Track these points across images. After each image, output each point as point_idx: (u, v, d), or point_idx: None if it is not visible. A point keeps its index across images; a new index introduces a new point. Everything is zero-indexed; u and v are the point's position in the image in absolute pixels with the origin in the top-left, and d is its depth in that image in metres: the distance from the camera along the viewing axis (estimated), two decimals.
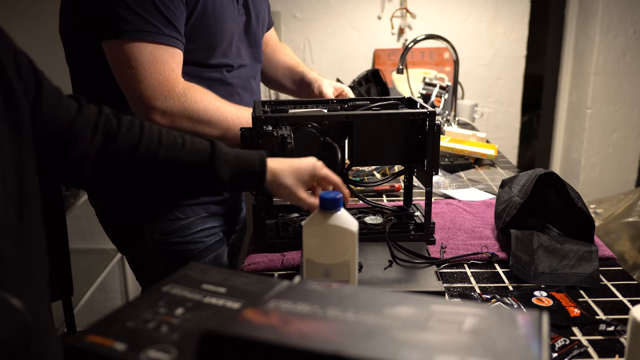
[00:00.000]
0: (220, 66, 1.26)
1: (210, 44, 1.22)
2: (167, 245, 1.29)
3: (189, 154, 0.96)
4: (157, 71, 1.11)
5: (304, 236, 0.91)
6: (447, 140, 1.95)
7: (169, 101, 1.12)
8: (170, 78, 1.12)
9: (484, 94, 2.92)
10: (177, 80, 1.14)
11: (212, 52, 1.24)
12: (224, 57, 1.26)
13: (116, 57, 1.11)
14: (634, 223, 2.42)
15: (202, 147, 0.98)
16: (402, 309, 0.56)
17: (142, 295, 0.63)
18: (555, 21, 3.07)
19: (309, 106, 1.32)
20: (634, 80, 2.87)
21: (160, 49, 1.11)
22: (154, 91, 1.11)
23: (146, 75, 1.10)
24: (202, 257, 1.34)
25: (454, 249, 1.23)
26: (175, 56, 1.14)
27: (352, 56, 2.85)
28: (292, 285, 0.63)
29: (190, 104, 1.14)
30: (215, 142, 0.99)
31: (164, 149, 0.95)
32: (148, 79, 1.11)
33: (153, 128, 0.97)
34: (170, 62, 1.13)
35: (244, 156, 1.01)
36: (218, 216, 1.36)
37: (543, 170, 1.24)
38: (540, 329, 0.54)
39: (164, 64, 1.12)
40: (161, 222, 1.28)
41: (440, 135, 1.20)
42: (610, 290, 1.07)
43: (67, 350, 0.54)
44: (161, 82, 1.11)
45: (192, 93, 1.15)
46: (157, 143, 0.95)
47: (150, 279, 1.34)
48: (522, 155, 3.27)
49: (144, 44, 1.10)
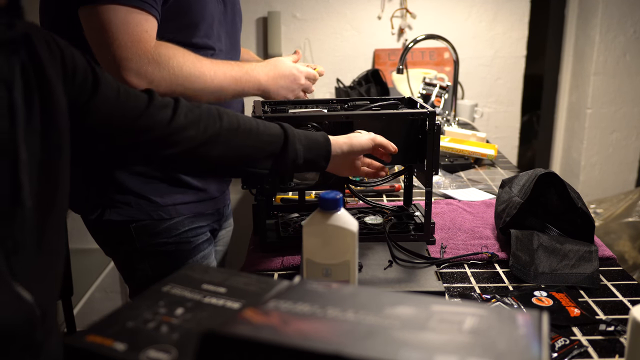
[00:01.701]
0: (204, 48, 1.27)
1: (192, 21, 1.23)
2: (155, 246, 1.29)
3: (267, 135, 1.03)
4: (130, 32, 1.11)
5: (304, 236, 0.91)
6: (447, 140, 1.95)
7: (142, 60, 1.12)
8: (142, 38, 1.12)
9: (484, 94, 2.92)
10: (150, 40, 1.13)
11: (195, 31, 1.24)
12: (206, 38, 1.27)
13: (90, 22, 1.12)
14: (634, 223, 2.42)
15: (276, 129, 1.05)
16: (402, 309, 0.56)
17: (142, 295, 0.63)
18: (555, 21, 3.07)
19: (309, 106, 1.32)
20: (634, 80, 2.87)
21: (134, 12, 1.11)
22: (127, 51, 1.10)
23: (118, 36, 1.10)
24: (191, 256, 1.34)
25: (454, 249, 1.23)
26: (149, 21, 1.14)
27: (352, 56, 2.84)
28: (292, 285, 0.63)
29: (164, 60, 1.14)
30: (283, 124, 1.06)
31: (242, 132, 1.01)
32: (120, 39, 1.10)
33: (230, 113, 1.03)
34: (143, 24, 1.13)
35: (311, 136, 1.08)
36: (205, 215, 1.36)
37: (543, 170, 1.24)
38: (540, 329, 0.54)
39: (137, 26, 1.12)
40: (147, 222, 1.28)
41: (440, 135, 1.20)
42: (610, 290, 1.07)
43: (67, 350, 0.54)
44: (133, 41, 1.11)
45: (164, 49, 1.15)
46: (236, 127, 1.01)
47: (139, 281, 1.34)
48: (522, 155, 3.27)
49: (117, 6, 1.10)
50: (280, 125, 1.07)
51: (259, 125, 1.04)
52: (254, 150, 1.02)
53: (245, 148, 1.02)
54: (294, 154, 1.04)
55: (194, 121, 0.97)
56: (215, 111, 1.01)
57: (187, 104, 0.99)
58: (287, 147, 1.04)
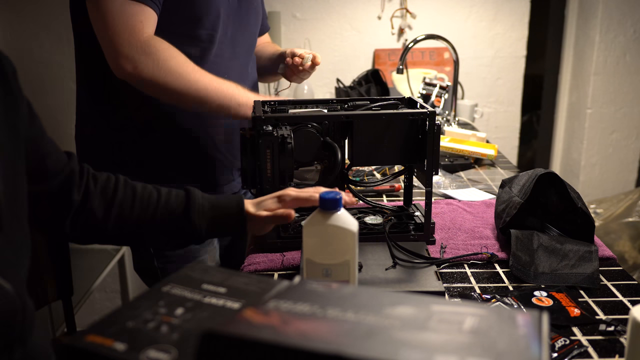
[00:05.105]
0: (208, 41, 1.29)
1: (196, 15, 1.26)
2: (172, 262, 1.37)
3: (165, 207, 0.99)
4: (125, 21, 1.17)
5: (304, 236, 0.90)
6: (447, 140, 1.95)
7: (133, 46, 1.16)
8: (136, 28, 1.17)
9: (484, 94, 2.92)
10: (143, 30, 1.18)
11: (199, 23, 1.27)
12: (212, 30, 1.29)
13: (93, 12, 1.19)
14: (634, 223, 2.43)
15: (178, 199, 1.00)
16: (402, 309, 0.55)
17: (142, 295, 0.63)
18: (555, 21, 3.07)
19: (309, 106, 1.32)
20: (634, 80, 2.87)
21: (131, 4, 1.17)
22: (120, 37, 1.16)
23: (114, 24, 1.16)
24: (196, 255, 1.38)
25: (454, 249, 1.23)
26: (145, 12, 1.19)
27: (352, 56, 2.85)
28: (292, 285, 0.63)
29: (153, 50, 1.17)
30: (191, 194, 1.01)
31: (138, 205, 0.98)
32: (115, 27, 1.16)
33: (128, 183, 1.00)
34: (139, 15, 1.18)
35: (221, 204, 1.02)
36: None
37: (543, 170, 1.24)
38: (540, 329, 0.54)
39: (132, 16, 1.17)
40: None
41: (440, 135, 1.20)
42: (610, 290, 1.07)
43: (67, 350, 0.54)
44: (127, 29, 1.16)
45: (157, 42, 1.19)
46: (132, 198, 0.98)
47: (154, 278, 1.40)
48: (522, 155, 3.27)
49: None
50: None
51: (160, 194, 1.00)
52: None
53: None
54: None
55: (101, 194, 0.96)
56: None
57: (101, 182, 0.98)
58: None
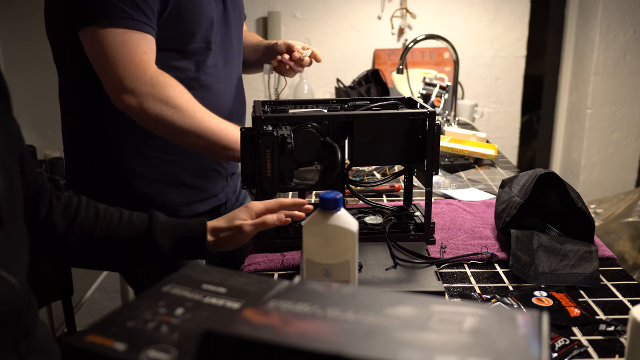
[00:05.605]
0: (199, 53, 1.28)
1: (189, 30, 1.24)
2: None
3: (128, 225, 0.99)
4: (128, 53, 1.14)
5: (304, 236, 0.90)
6: (447, 140, 1.95)
7: (139, 81, 1.14)
8: (142, 60, 1.15)
9: (484, 94, 2.92)
10: (148, 64, 1.16)
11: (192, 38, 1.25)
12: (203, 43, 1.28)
13: (90, 44, 1.15)
14: (634, 223, 2.43)
15: (141, 218, 1.01)
16: (402, 309, 0.55)
17: (142, 295, 0.63)
18: (555, 21, 3.07)
19: (309, 106, 1.32)
20: (634, 80, 2.87)
21: (131, 34, 1.15)
22: (125, 71, 1.14)
23: (118, 57, 1.13)
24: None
25: (454, 249, 1.23)
26: (146, 40, 1.17)
27: (352, 56, 2.85)
28: (292, 285, 0.63)
29: (161, 87, 1.15)
30: (154, 214, 1.01)
31: (101, 223, 0.98)
32: (119, 60, 1.13)
33: (91, 203, 1.00)
34: (141, 45, 1.16)
35: (184, 222, 1.03)
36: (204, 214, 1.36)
37: (543, 170, 1.24)
38: (540, 329, 0.54)
39: (136, 47, 1.15)
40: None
41: (440, 135, 1.20)
42: (610, 290, 1.07)
43: (67, 350, 0.54)
44: (132, 63, 1.14)
45: (163, 77, 1.17)
46: (95, 216, 0.98)
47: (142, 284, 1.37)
48: (522, 155, 3.27)
49: (115, 29, 1.13)
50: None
51: (122, 215, 1.00)
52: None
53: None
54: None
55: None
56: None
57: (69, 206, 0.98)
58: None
